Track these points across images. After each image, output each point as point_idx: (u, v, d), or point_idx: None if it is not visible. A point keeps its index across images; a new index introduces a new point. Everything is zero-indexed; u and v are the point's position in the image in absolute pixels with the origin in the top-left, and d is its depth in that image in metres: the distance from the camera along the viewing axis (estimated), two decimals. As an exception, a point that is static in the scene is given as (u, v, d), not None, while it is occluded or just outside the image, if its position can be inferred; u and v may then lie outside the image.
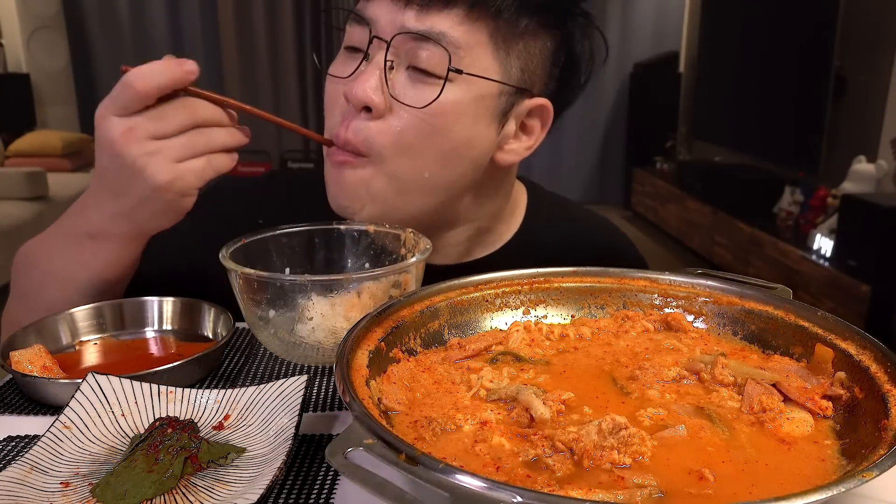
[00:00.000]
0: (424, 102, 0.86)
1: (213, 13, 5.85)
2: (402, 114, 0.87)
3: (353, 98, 0.86)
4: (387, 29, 0.86)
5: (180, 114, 0.75)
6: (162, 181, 0.75)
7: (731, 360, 0.67)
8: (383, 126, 0.87)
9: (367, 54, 0.88)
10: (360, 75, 0.87)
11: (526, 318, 0.78)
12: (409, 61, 0.87)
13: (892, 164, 3.70)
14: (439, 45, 0.85)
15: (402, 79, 0.87)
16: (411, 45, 0.86)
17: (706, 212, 4.90)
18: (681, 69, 6.25)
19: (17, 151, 5.01)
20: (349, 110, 0.89)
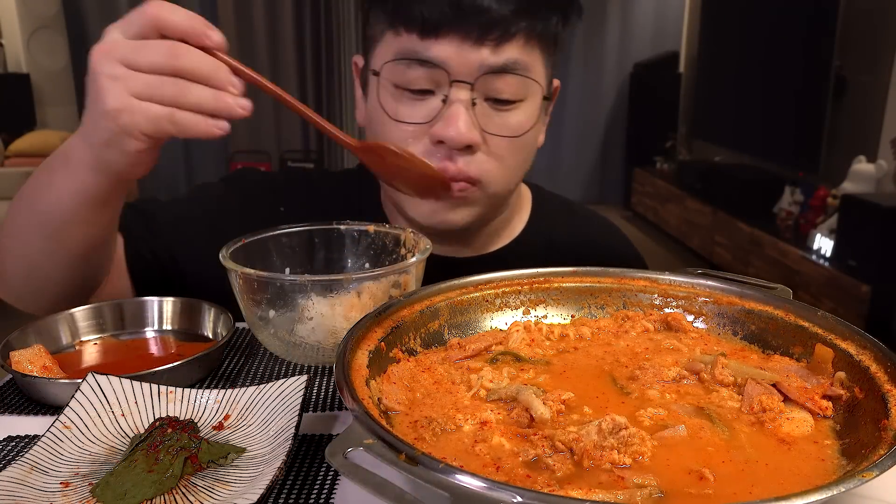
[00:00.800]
0: (513, 130, 0.92)
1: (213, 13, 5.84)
2: (496, 142, 0.92)
3: (456, 141, 0.88)
4: (462, 69, 0.87)
5: (159, 53, 0.68)
6: (110, 107, 0.69)
7: (731, 360, 0.67)
8: (484, 159, 0.92)
9: (446, 97, 0.89)
10: (450, 118, 0.88)
11: (526, 318, 0.78)
12: (487, 94, 0.90)
13: (892, 164, 3.70)
14: (516, 74, 0.89)
15: (482, 111, 0.90)
16: (489, 78, 0.88)
17: (706, 212, 4.90)
18: (681, 69, 6.25)
19: (17, 151, 5.02)
20: (437, 150, 0.90)
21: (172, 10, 0.69)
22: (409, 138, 0.91)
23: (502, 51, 0.87)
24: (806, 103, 4.08)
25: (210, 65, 0.69)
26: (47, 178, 0.82)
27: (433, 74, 0.88)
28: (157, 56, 0.68)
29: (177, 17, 0.68)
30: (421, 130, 0.91)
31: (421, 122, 0.90)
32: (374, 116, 0.96)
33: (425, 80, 0.89)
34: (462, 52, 0.86)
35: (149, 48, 0.68)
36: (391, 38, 0.91)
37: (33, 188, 0.85)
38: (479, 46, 0.86)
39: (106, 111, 0.70)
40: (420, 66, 0.88)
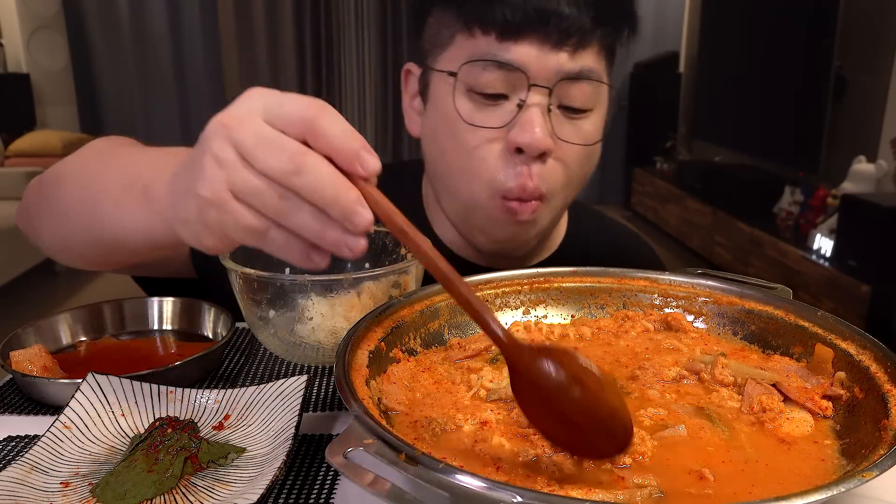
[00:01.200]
0: (585, 137, 0.91)
1: (213, 13, 5.84)
2: (566, 151, 0.90)
3: (534, 147, 0.86)
4: (541, 73, 0.85)
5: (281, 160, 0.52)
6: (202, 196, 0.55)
7: (731, 360, 0.67)
8: (554, 166, 0.90)
9: (523, 101, 0.87)
10: (527, 124, 0.86)
11: (526, 318, 0.78)
12: (561, 100, 0.88)
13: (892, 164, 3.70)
14: (591, 81, 0.88)
15: (557, 118, 0.89)
16: (566, 85, 0.87)
17: (706, 212, 4.90)
18: (681, 69, 6.25)
19: (17, 151, 5.01)
20: (512, 157, 0.88)
21: (332, 121, 0.53)
22: (482, 144, 0.89)
23: (579, 57, 0.86)
24: (806, 103, 4.08)
25: (333, 191, 0.52)
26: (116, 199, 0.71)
27: (510, 78, 0.86)
28: (277, 162, 0.52)
29: (333, 130, 0.53)
30: (495, 136, 0.88)
31: (497, 126, 0.88)
32: (441, 124, 0.93)
33: (501, 83, 0.87)
34: (541, 55, 0.85)
35: (272, 148, 0.52)
36: (463, 41, 0.88)
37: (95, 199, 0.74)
38: (558, 51, 0.85)
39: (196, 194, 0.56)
40: (497, 68, 0.86)
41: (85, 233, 0.78)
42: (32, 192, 0.90)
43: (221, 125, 0.54)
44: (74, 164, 0.84)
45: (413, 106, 1.01)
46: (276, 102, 0.54)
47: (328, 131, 0.53)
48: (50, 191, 0.85)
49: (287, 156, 0.52)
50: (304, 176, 0.52)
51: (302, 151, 0.52)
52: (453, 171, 0.93)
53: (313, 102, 0.54)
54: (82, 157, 0.85)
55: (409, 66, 1.01)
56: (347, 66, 6.05)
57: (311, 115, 0.53)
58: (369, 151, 0.53)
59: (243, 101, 0.55)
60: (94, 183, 0.75)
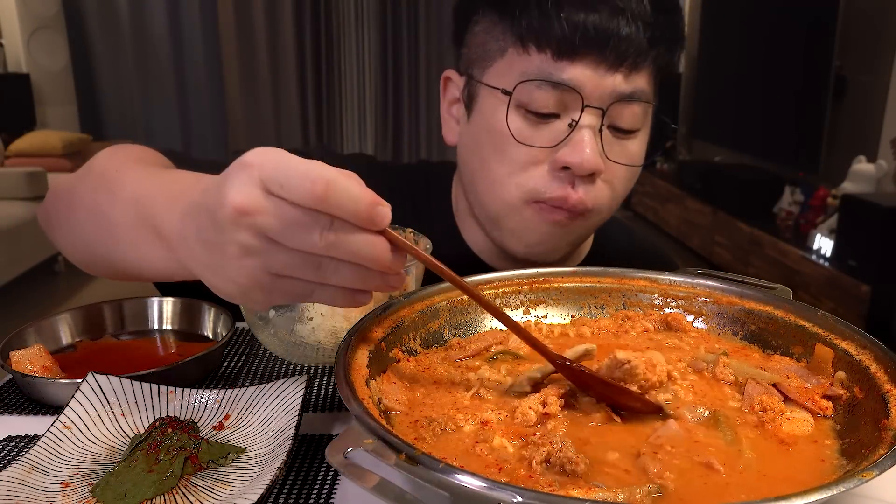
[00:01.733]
0: (632, 158, 0.91)
1: (213, 13, 5.83)
2: (614, 171, 0.90)
3: (585, 168, 0.86)
4: (595, 94, 0.85)
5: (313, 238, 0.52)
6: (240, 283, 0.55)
7: (732, 359, 0.67)
8: (602, 186, 0.90)
9: (575, 122, 0.86)
10: (579, 144, 0.85)
11: (526, 318, 0.78)
12: (612, 121, 0.88)
13: (892, 164, 3.70)
14: (642, 102, 0.88)
15: (607, 139, 0.88)
16: (618, 105, 0.87)
17: (706, 212, 4.90)
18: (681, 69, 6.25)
19: (17, 151, 5.01)
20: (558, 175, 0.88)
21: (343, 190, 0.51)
22: (529, 161, 0.89)
23: (633, 79, 0.86)
24: (806, 103, 4.08)
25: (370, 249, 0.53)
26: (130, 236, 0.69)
27: (564, 97, 0.86)
28: (309, 244, 0.52)
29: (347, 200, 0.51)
30: (543, 154, 0.88)
31: (546, 146, 0.88)
32: (486, 137, 0.92)
33: (555, 103, 0.86)
34: (597, 77, 0.84)
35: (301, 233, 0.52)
36: (515, 57, 0.87)
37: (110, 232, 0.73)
38: (614, 72, 0.85)
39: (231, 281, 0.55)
40: (552, 88, 0.85)
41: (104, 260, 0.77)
42: (50, 203, 0.87)
43: (238, 214, 0.51)
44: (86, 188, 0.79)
45: (451, 114, 1.00)
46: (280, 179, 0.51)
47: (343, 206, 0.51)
48: (65, 212, 0.83)
49: (317, 234, 0.51)
50: (339, 247, 0.52)
51: (329, 225, 0.52)
52: (496, 185, 0.92)
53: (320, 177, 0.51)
54: (92, 176, 0.80)
55: (450, 73, 1.00)
56: (347, 66, 6.04)
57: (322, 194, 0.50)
58: (380, 204, 0.53)
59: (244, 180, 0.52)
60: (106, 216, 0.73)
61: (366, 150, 6.11)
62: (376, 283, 0.56)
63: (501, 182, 0.91)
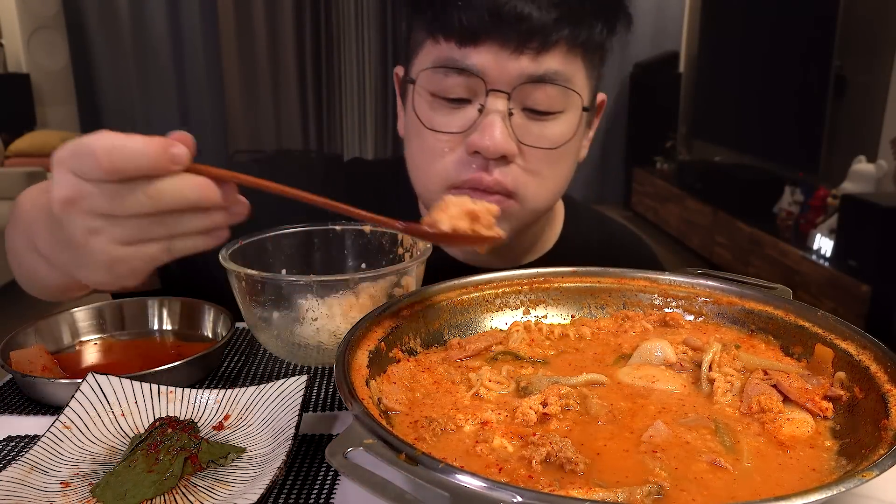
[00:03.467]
0: (549, 141, 0.90)
1: (213, 13, 5.84)
2: (533, 154, 0.89)
3: (491, 151, 0.86)
4: (501, 78, 0.85)
5: (139, 200, 0.57)
6: (101, 261, 0.60)
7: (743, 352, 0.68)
8: (520, 168, 0.90)
9: (483, 106, 0.86)
10: (486, 128, 0.86)
11: (526, 318, 0.78)
12: (524, 104, 0.88)
13: (892, 164, 3.70)
14: (556, 84, 0.87)
15: (519, 121, 0.88)
16: (527, 88, 0.86)
17: (706, 212, 4.90)
18: (681, 69, 6.25)
19: (17, 151, 5.01)
20: (472, 160, 0.88)
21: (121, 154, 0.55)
22: (444, 147, 0.90)
23: (542, 60, 0.85)
24: (806, 103, 4.08)
25: (195, 193, 0.58)
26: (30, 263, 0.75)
27: (470, 83, 0.86)
28: (139, 203, 0.57)
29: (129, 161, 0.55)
30: (456, 140, 0.89)
31: (456, 131, 0.89)
32: (410, 126, 0.95)
33: (462, 88, 0.87)
34: (500, 60, 0.84)
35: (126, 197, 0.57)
36: (430, 47, 0.89)
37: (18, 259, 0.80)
38: (518, 55, 0.84)
39: (97, 264, 0.60)
40: (457, 74, 0.86)
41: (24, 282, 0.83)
42: None
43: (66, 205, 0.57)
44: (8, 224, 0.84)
45: (400, 107, 1.03)
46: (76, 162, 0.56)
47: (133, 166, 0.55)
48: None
49: (142, 197, 0.56)
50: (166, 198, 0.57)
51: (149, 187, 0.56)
52: (419, 172, 0.95)
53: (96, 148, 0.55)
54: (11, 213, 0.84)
55: (398, 69, 1.02)
56: (347, 66, 6.04)
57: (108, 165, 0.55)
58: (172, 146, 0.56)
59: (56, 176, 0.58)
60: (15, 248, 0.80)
61: (366, 149, 6.11)
62: (220, 217, 0.60)
63: (424, 170, 0.93)
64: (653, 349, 0.68)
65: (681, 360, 0.67)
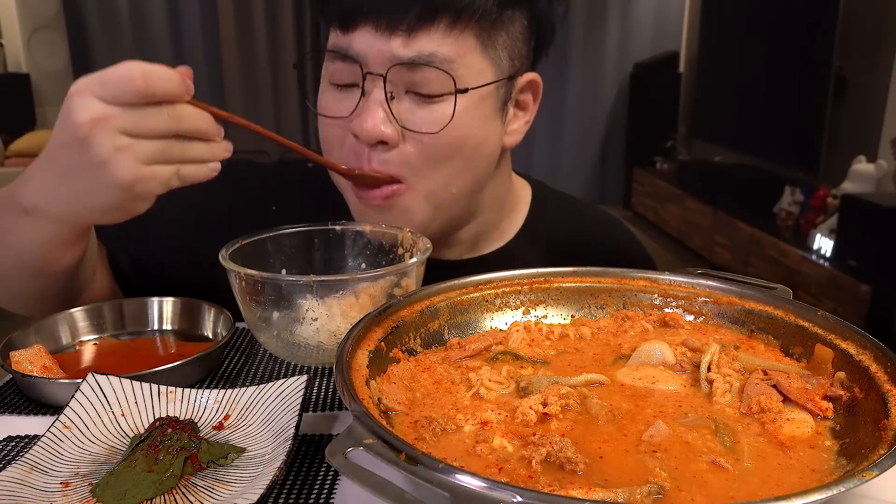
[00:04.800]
0: (435, 125, 0.86)
1: (213, 13, 5.84)
2: (419, 139, 0.87)
3: (366, 136, 0.86)
4: (376, 61, 0.85)
5: (163, 120, 0.68)
6: (124, 180, 0.68)
7: (742, 353, 0.68)
8: (403, 154, 0.88)
9: (364, 90, 0.86)
10: (363, 112, 0.86)
11: (526, 318, 0.78)
12: (407, 87, 0.87)
13: (892, 164, 3.70)
14: (433, 67, 0.85)
15: (405, 105, 0.87)
16: (405, 72, 0.85)
17: (706, 212, 4.90)
18: (681, 69, 6.25)
19: (17, 151, 5.00)
20: (360, 146, 0.88)
21: (156, 78, 0.67)
22: (336, 133, 0.90)
23: (416, 41, 0.83)
24: (806, 103, 4.08)
25: (204, 121, 0.71)
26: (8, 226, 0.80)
27: (351, 68, 0.87)
28: (164, 124, 0.68)
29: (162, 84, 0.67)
30: (344, 124, 0.89)
31: (341, 115, 0.89)
32: None
33: (346, 74, 0.88)
34: (374, 44, 0.84)
35: (152, 118, 0.68)
36: (330, 34, 0.90)
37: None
38: (390, 37, 0.83)
39: (117, 183, 0.68)
40: (341, 60, 0.87)
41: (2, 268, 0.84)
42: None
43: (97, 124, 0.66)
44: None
45: None
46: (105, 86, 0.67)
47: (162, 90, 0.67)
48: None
49: (165, 116, 0.68)
50: (186, 121, 0.69)
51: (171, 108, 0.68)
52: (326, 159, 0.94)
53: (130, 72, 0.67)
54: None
55: None
56: (347, 66, 6.03)
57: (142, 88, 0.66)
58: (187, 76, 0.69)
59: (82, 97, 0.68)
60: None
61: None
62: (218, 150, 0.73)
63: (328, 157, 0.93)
64: (651, 350, 0.68)
65: (680, 362, 0.67)
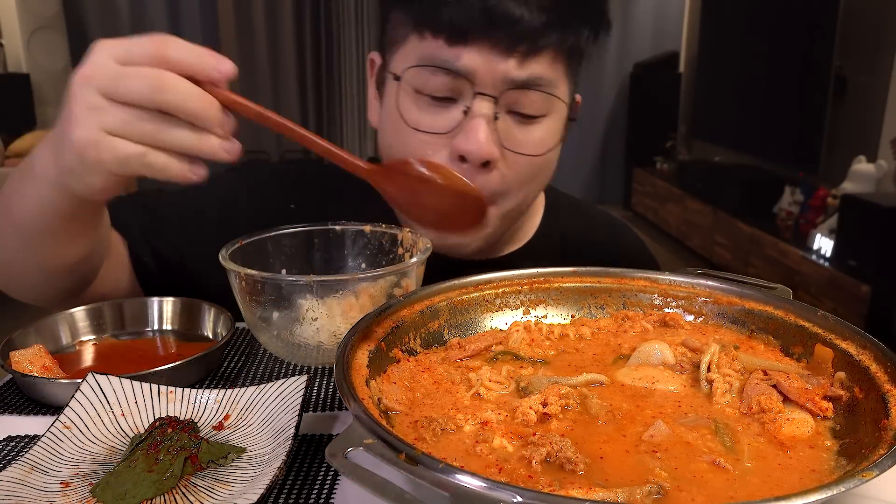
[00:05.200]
0: (535, 147, 0.89)
1: (213, 13, 5.84)
2: (515, 159, 0.88)
3: (476, 156, 0.85)
4: (487, 80, 0.84)
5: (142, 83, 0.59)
6: (76, 139, 0.62)
7: (742, 353, 0.68)
8: (501, 175, 0.89)
9: (468, 109, 0.85)
10: (470, 131, 0.85)
11: (526, 318, 0.78)
12: (510, 107, 0.87)
13: (892, 164, 3.70)
14: (540, 91, 0.87)
15: (506, 126, 0.87)
16: (513, 93, 0.85)
17: (706, 212, 4.90)
18: (681, 69, 6.25)
19: (17, 151, 5.00)
20: (458, 164, 0.87)
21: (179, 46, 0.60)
22: (427, 148, 0.88)
23: (528, 65, 0.85)
24: (806, 103, 4.08)
25: (198, 101, 0.60)
26: (18, 186, 0.77)
27: (457, 83, 0.85)
28: (140, 86, 0.59)
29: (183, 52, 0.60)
30: (440, 141, 0.87)
31: (441, 132, 0.87)
32: (389, 121, 0.92)
33: (448, 88, 0.86)
34: (489, 62, 0.83)
35: (131, 77, 0.60)
36: (415, 42, 0.87)
37: (6, 193, 0.80)
38: (507, 58, 0.83)
39: (72, 142, 0.63)
40: (445, 73, 0.85)
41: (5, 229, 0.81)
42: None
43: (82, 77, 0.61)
44: None
45: (373, 95, 1.00)
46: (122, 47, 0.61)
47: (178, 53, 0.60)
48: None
49: (147, 80, 0.59)
50: (168, 92, 0.59)
51: (159, 74, 0.59)
52: None
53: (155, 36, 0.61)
54: None
55: (373, 55, 1.00)
56: (347, 65, 6.04)
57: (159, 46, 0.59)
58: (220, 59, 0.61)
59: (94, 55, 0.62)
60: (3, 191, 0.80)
61: (365, 149, 6.10)
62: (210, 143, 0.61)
63: None
64: (651, 350, 0.68)
65: (680, 362, 0.67)
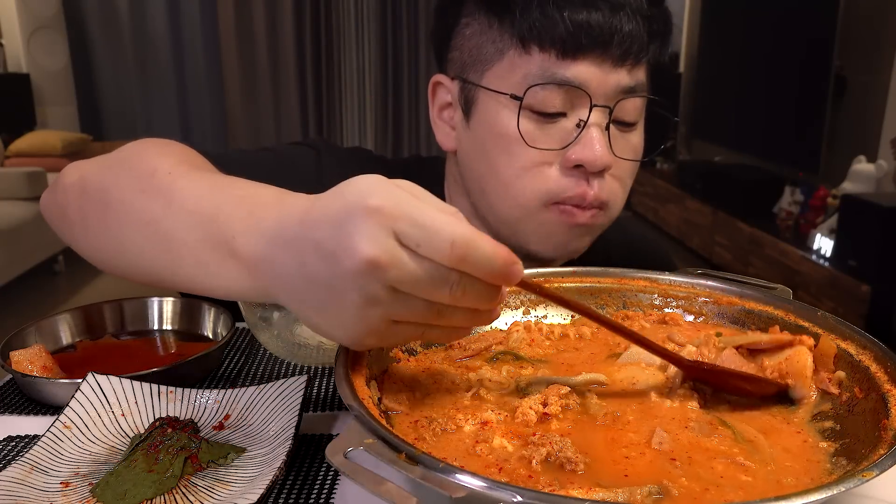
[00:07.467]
0: (636, 152, 0.92)
1: (213, 13, 5.84)
2: (621, 164, 0.90)
3: (598, 164, 0.86)
4: (599, 91, 0.85)
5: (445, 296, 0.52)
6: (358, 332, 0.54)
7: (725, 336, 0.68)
8: (612, 180, 0.90)
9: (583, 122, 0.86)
10: (588, 142, 0.85)
11: (526, 318, 0.78)
12: (616, 116, 0.88)
13: (892, 164, 3.70)
14: (641, 97, 0.89)
15: (613, 133, 0.88)
16: (623, 102, 0.87)
17: (706, 212, 4.90)
18: (681, 69, 6.25)
19: (17, 151, 5.01)
20: (577, 173, 0.87)
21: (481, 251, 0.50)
22: (538, 163, 0.88)
23: (635, 73, 0.87)
24: (806, 103, 4.08)
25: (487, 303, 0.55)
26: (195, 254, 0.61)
27: (571, 96, 0.85)
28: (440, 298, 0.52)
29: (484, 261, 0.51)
30: (552, 155, 0.87)
31: (556, 147, 0.87)
32: (492, 142, 0.90)
33: (561, 102, 0.85)
34: (602, 74, 0.84)
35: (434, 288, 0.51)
36: (517, 58, 0.86)
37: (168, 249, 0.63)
38: (618, 68, 0.85)
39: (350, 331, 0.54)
40: (558, 87, 0.84)
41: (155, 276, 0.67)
42: (68, 196, 0.74)
43: (373, 268, 0.49)
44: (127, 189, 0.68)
45: (443, 119, 0.98)
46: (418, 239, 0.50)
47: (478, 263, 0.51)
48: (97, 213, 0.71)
49: (448, 289, 0.51)
50: (466, 299, 0.52)
51: (458, 281, 0.51)
52: (505, 186, 0.91)
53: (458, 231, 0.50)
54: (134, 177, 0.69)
55: (440, 77, 0.98)
56: (347, 65, 6.04)
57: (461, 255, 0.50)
58: (515, 262, 0.52)
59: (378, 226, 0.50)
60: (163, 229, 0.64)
61: (366, 149, 6.10)
62: (482, 321, 0.57)
63: (513, 185, 0.90)
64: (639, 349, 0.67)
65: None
